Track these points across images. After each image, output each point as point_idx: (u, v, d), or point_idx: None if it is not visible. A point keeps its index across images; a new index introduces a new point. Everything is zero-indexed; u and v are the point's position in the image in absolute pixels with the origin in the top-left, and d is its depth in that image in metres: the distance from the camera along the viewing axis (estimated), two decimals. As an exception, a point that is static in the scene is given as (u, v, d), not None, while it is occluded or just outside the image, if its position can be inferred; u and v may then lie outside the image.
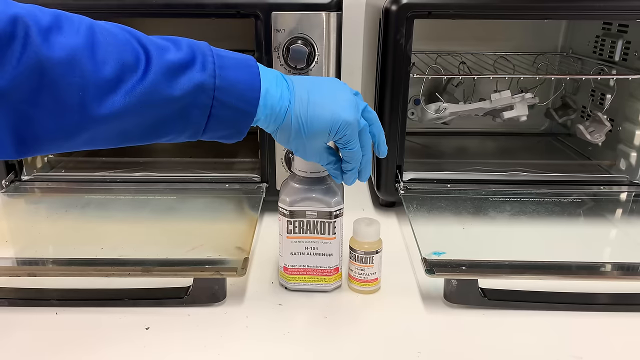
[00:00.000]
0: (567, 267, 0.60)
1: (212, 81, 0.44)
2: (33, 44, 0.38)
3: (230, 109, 0.45)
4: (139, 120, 0.43)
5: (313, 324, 0.56)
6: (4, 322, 0.56)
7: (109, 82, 0.40)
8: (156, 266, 0.58)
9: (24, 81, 0.38)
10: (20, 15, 0.38)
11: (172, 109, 0.44)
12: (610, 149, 0.89)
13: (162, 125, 0.45)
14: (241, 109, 0.46)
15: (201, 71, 0.43)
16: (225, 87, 0.44)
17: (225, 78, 0.44)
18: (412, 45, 0.72)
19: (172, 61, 0.43)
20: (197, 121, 0.45)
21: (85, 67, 0.39)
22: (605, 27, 0.92)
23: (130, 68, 0.41)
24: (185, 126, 0.45)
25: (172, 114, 0.44)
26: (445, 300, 0.59)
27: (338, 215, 0.59)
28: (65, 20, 0.40)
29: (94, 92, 0.40)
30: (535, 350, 0.52)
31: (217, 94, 0.44)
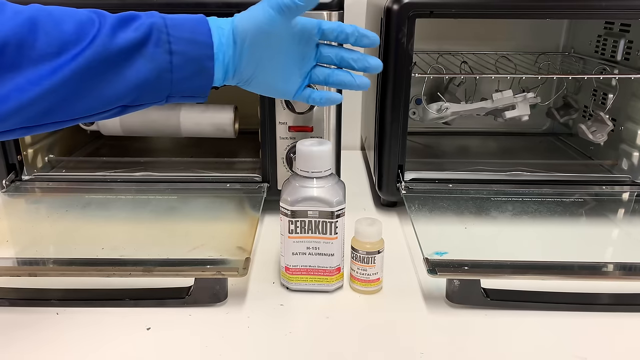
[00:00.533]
0: (569, 267, 0.60)
1: (162, 20, 0.47)
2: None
3: (188, 42, 0.48)
4: (108, 72, 0.45)
5: (315, 325, 0.56)
6: (4, 322, 0.56)
7: (70, 37, 0.44)
8: (157, 266, 0.57)
9: None
10: None
11: (133, 51, 0.46)
12: (613, 148, 0.89)
13: (129, 70, 0.46)
14: (198, 41, 0.48)
15: (148, 17, 0.47)
16: (176, 24, 0.48)
17: (172, 18, 0.48)
18: (413, 45, 0.72)
19: (123, 14, 0.47)
20: (161, 59, 0.47)
21: (47, 27, 0.43)
22: (607, 26, 0.92)
23: (87, 25, 0.44)
24: (152, 69, 0.47)
25: (136, 56, 0.46)
26: (447, 300, 0.59)
27: (340, 215, 0.58)
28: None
29: (58, 47, 0.43)
30: (538, 351, 0.52)
31: (170, 30, 0.47)
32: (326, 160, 0.58)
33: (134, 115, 0.85)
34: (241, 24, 0.50)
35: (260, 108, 0.75)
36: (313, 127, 0.75)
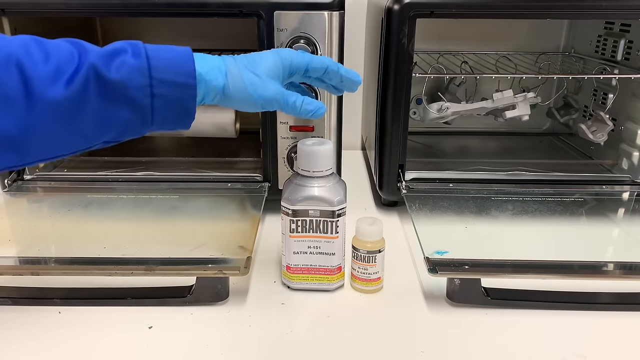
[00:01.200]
0: (569, 266, 0.60)
1: (146, 62, 0.46)
2: None
3: (170, 85, 0.46)
4: (87, 111, 0.45)
5: (316, 323, 0.56)
6: (7, 320, 0.56)
7: (50, 74, 0.42)
8: (159, 265, 0.58)
9: None
10: None
11: (114, 94, 0.45)
12: (613, 148, 0.89)
13: (110, 112, 0.46)
14: (181, 83, 0.47)
15: (133, 56, 0.45)
16: (159, 66, 0.46)
17: (157, 58, 0.46)
18: (414, 45, 0.72)
19: (106, 49, 0.45)
20: (142, 103, 0.46)
21: (24, 64, 0.42)
22: (607, 26, 0.92)
23: (68, 60, 0.44)
24: (133, 111, 0.46)
25: (116, 99, 0.45)
26: (448, 299, 0.60)
27: (341, 214, 0.59)
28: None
29: (37, 84, 0.42)
30: (539, 350, 0.52)
31: (153, 73, 0.46)
32: (327, 160, 0.58)
33: (135, 115, 0.85)
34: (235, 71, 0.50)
35: (262, 108, 0.75)
36: (314, 127, 0.75)
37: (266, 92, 0.51)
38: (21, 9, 0.71)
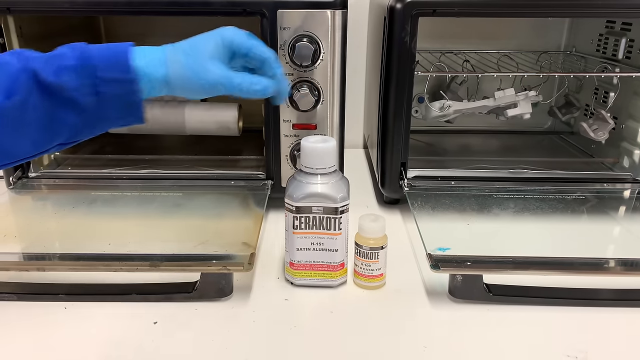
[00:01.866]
0: (571, 263, 0.60)
1: (87, 62, 0.46)
2: None
3: (111, 82, 0.47)
4: (32, 117, 0.45)
5: (319, 319, 0.57)
6: (13, 316, 0.56)
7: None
8: (164, 261, 0.58)
9: None
10: None
11: (57, 97, 0.46)
12: (614, 146, 0.89)
13: (55, 116, 0.46)
14: (122, 79, 0.47)
15: (74, 58, 0.46)
16: (99, 65, 0.46)
17: (97, 57, 0.47)
18: (416, 43, 0.73)
19: (46, 54, 0.47)
20: (86, 103, 0.47)
21: None
22: (608, 25, 0.93)
23: (8, 70, 0.44)
24: (79, 112, 0.47)
25: (60, 102, 0.46)
26: (450, 295, 0.60)
27: (344, 211, 0.59)
28: None
29: None
30: (540, 345, 0.53)
31: (94, 71, 0.46)
32: (330, 157, 0.59)
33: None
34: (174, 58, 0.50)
35: (265, 106, 0.75)
36: (317, 125, 0.76)
37: (209, 75, 0.50)
38: (26, 7, 0.72)
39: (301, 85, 0.72)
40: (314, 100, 0.72)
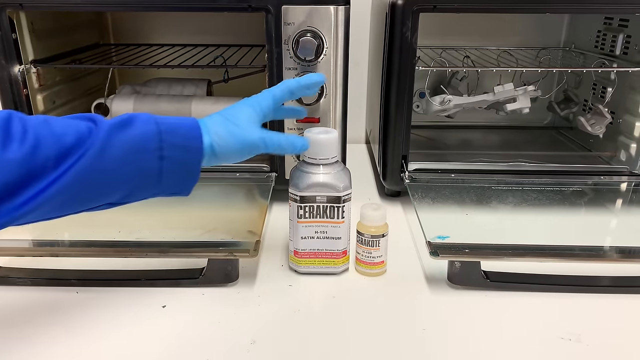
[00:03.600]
0: (568, 249, 0.62)
1: (156, 127, 0.49)
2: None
3: (179, 148, 0.49)
4: (100, 179, 0.47)
5: (322, 303, 0.59)
6: (27, 300, 0.58)
7: (71, 147, 0.45)
8: (172, 248, 0.60)
9: None
10: None
11: (124, 160, 0.47)
12: (611, 140, 0.91)
13: (118, 178, 0.48)
14: (189, 146, 0.50)
15: (143, 123, 0.49)
16: (168, 130, 0.49)
17: (166, 123, 0.50)
18: (417, 39, 0.75)
19: (116, 120, 0.48)
20: (151, 166, 0.49)
21: (48, 144, 0.44)
22: (606, 21, 0.94)
23: (85, 136, 0.46)
24: (141, 172, 0.49)
25: (126, 164, 0.47)
26: (448, 282, 0.62)
27: (346, 200, 0.61)
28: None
29: (56, 160, 0.45)
30: (535, 329, 0.54)
31: (163, 137, 0.49)
32: (333, 148, 0.61)
33: (146, 107, 0.88)
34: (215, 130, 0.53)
35: (269, 100, 0.77)
36: (320, 119, 0.78)
37: (250, 137, 0.53)
38: (38, 3, 0.74)
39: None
40: (317, 94, 0.74)
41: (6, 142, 0.43)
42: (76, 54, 0.94)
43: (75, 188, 0.45)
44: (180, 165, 0.50)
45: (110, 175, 0.47)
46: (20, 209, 0.43)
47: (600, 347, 0.52)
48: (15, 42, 0.75)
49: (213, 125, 0.53)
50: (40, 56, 0.83)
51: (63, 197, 0.45)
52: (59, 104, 0.90)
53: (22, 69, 0.77)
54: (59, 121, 0.47)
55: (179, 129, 0.50)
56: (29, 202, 0.44)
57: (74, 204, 0.48)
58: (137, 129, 0.48)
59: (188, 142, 0.50)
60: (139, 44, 1.07)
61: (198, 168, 0.52)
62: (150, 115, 0.50)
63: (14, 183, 0.43)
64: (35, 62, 0.81)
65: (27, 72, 0.78)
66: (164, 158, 0.49)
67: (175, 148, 0.49)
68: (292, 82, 0.57)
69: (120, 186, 0.48)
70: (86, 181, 0.46)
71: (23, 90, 0.77)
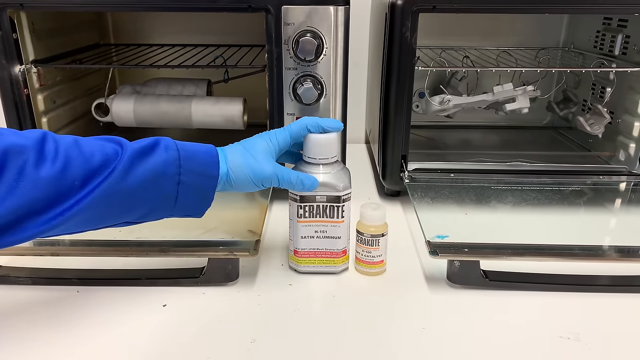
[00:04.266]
0: (567, 249, 0.62)
1: (177, 154, 0.51)
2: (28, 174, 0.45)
3: (196, 174, 0.52)
4: (119, 202, 0.49)
5: (322, 302, 0.59)
6: (28, 299, 0.59)
7: (97, 169, 0.48)
8: (172, 247, 0.60)
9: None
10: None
11: (145, 184, 0.50)
12: (610, 140, 0.91)
13: (137, 200, 0.50)
14: (206, 173, 0.53)
15: (165, 150, 0.51)
16: (188, 157, 0.52)
17: (186, 150, 0.52)
18: (417, 39, 0.75)
19: (141, 144, 0.51)
20: (169, 190, 0.51)
21: (77, 165, 0.47)
22: (605, 22, 0.94)
23: (111, 158, 0.49)
24: (160, 195, 0.51)
25: (146, 187, 0.50)
26: (448, 281, 0.62)
27: (346, 199, 0.61)
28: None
29: (83, 181, 0.47)
30: (534, 328, 0.55)
31: (182, 162, 0.51)
32: (332, 148, 0.61)
33: (147, 107, 0.88)
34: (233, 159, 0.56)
35: (269, 100, 0.77)
36: (320, 118, 0.78)
37: (264, 171, 0.56)
38: (39, 3, 0.74)
39: (305, 80, 0.74)
40: (317, 94, 0.75)
41: (40, 161, 0.46)
42: (76, 54, 0.94)
43: (99, 207, 0.48)
44: (195, 190, 0.53)
45: (132, 196, 0.50)
46: (48, 224, 0.46)
47: (600, 346, 0.52)
48: (15, 42, 0.75)
49: (232, 154, 0.56)
50: (41, 56, 0.83)
51: (87, 214, 0.48)
52: (60, 104, 0.90)
53: (23, 69, 0.77)
54: (88, 142, 0.49)
55: (198, 156, 0.53)
56: (57, 217, 0.46)
57: (97, 221, 0.50)
58: (159, 155, 0.51)
59: (205, 169, 0.53)
60: (139, 44, 1.07)
61: (212, 194, 0.55)
62: (172, 141, 0.52)
63: (44, 200, 0.46)
64: (36, 62, 0.81)
65: (27, 72, 0.78)
66: (181, 183, 0.51)
67: (193, 174, 0.52)
68: (310, 120, 0.59)
69: (140, 207, 0.51)
70: (109, 201, 0.48)
71: (24, 90, 0.77)
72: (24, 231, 0.45)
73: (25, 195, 0.44)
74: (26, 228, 0.45)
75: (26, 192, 0.44)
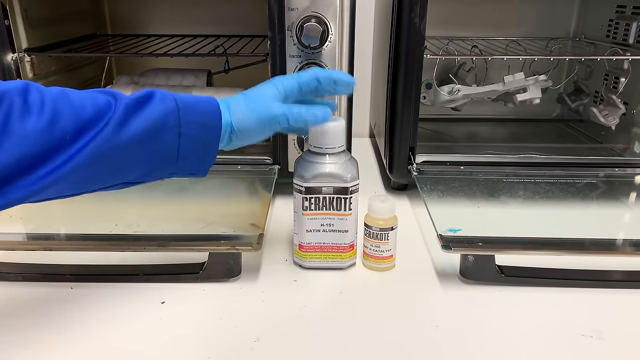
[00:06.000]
0: (586, 243, 0.60)
1: (175, 104, 0.47)
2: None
3: (197, 125, 0.48)
4: (117, 156, 0.45)
5: (329, 299, 0.56)
6: (19, 296, 0.56)
7: (89, 121, 0.44)
8: (171, 241, 0.58)
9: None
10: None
11: (143, 137, 0.46)
12: (624, 132, 0.88)
13: (137, 154, 0.46)
14: (208, 124, 0.49)
15: (162, 100, 0.47)
16: (187, 107, 0.48)
17: (185, 101, 0.48)
18: (426, 25, 0.72)
19: (135, 95, 0.47)
20: (169, 143, 0.47)
21: (66, 117, 0.43)
22: (619, 9, 0.92)
23: (104, 110, 0.45)
24: (160, 150, 0.47)
25: (146, 141, 0.46)
26: (461, 277, 0.59)
27: (354, 191, 0.58)
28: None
29: (74, 135, 0.43)
30: (553, 325, 0.52)
31: (182, 114, 0.47)
32: (339, 136, 0.58)
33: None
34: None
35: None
36: (325, 108, 0.75)
37: (271, 109, 0.52)
38: (31, -12, 0.71)
39: (309, 67, 0.71)
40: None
41: (24, 112, 0.41)
42: (72, 44, 0.91)
43: (95, 164, 0.44)
44: (197, 143, 0.49)
45: (129, 152, 0.46)
46: (39, 183, 0.42)
47: (624, 344, 0.49)
48: (8, 29, 0.73)
49: (235, 103, 0.52)
50: (34, 45, 0.80)
51: (82, 173, 0.44)
52: (55, 95, 0.87)
53: (16, 57, 0.74)
54: (77, 94, 0.45)
55: (197, 106, 0.49)
56: (48, 176, 0.42)
57: (93, 181, 0.46)
58: (156, 105, 0.47)
59: (206, 120, 0.49)
60: (137, 35, 1.04)
61: (216, 146, 0.51)
62: (167, 92, 0.49)
63: (32, 155, 0.41)
64: (29, 51, 0.78)
65: (20, 61, 0.75)
66: (181, 135, 0.48)
67: (194, 125, 0.48)
68: (320, 71, 0.56)
69: (139, 164, 0.47)
70: (105, 157, 0.44)
71: (16, 79, 0.74)
72: (13, 192, 0.41)
73: (11, 150, 0.40)
74: (15, 189, 0.41)
75: (12, 147, 0.40)
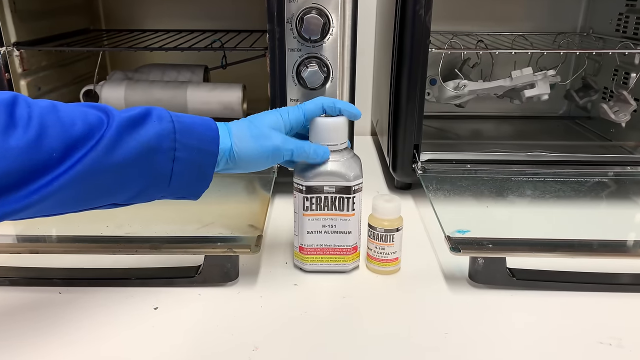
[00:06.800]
0: (603, 245, 0.57)
1: (171, 127, 0.45)
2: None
3: (193, 150, 0.46)
4: (106, 178, 0.43)
5: (331, 304, 0.53)
6: (5, 302, 0.53)
7: (79, 139, 0.41)
8: (165, 243, 0.55)
9: None
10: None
11: (135, 158, 0.44)
12: (635, 129, 0.85)
13: (126, 176, 0.44)
14: (204, 149, 0.47)
15: (158, 120, 0.45)
16: (184, 130, 0.46)
17: (183, 122, 0.46)
18: (431, 17, 0.69)
19: (131, 113, 0.44)
20: (163, 167, 0.45)
21: (54, 134, 0.40)
22: (629, 3, 0.89)
23: (96, 127, 0.42)
24: (152, 173, 0.45)
25: (137, 163, 0.44)
26: (470, 280, 0.56)
27: (357, 190, 0.55)
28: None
29: (63, 152, 0.41)
30: (570, 332, 0.49)
31: (178, 136, 0.45)
32: (341, 133, 0.55)
33: (138, 94, 0.82)
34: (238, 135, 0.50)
35: (270, 84, 0.71)
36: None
37: (274, 141, 0.51)
38: (19, -21, 0.68)
39: (310, 62, 0.68)
40: (323, 77, 0.69)
41: (9, 127, 0.39)
42: (64, 39, 0.88)
43: (82, 185, 0.42)
44: (193, 168, 0.47)
45: (120, 173, 0.43)
46: (21, 202, 0.40)
47: (646, 353, 0.46)
48: (-5, 23, 0.70)
49: (237, 128, 0.50)
50: (24, 39, 0.77)
51: (68, 193, 0.41)
52: (45, 91, 0.84)
53: (4, 51, 0.71)
54: (68, 108, 0.43)
55: (196, 129, 0.47)
56: (32, 195, 0.40)
57: (79, 201, 0.44)
58: (152, 126, 0.44)
59: (203, 144, 0.47)
60: (132, 30, 1.01)
61: (211, 172, 0.48)
62: (166, 111, 0.46)
63: (16, 173, 0.39)
64: (18, 45, 0.75)
65: (9, 55, 0.73)
66: (176, 159, 0.45)
67: (190, 150, 0.46)
68: (327, 100, 0.54)
69: (129, 186, 0.45)
70: (94, 178, 0.42)
71: (5, 74, 0.72)
72: None
73: None
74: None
75: None
